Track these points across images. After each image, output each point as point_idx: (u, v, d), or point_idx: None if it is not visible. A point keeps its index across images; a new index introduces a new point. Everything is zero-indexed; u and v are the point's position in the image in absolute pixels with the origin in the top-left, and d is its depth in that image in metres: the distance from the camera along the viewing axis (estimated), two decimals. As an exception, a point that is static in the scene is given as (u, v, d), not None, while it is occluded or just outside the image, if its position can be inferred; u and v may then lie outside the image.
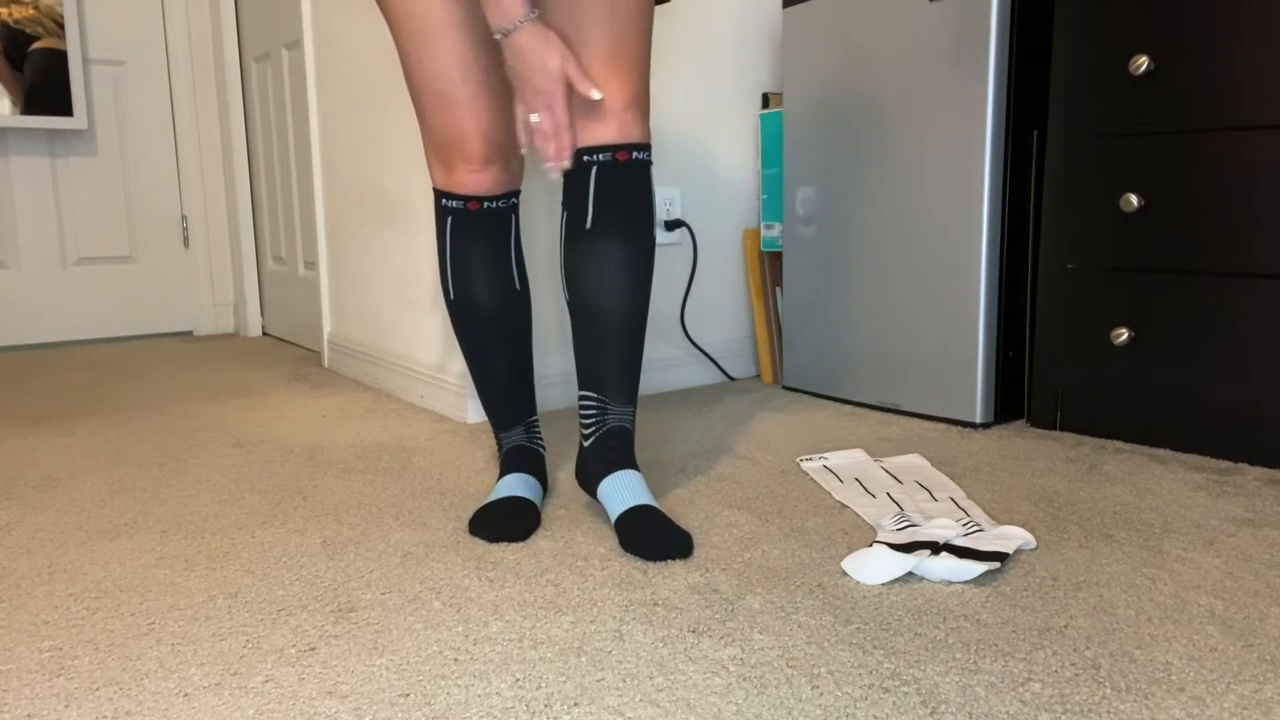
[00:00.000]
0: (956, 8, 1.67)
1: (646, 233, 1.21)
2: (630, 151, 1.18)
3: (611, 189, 1.18)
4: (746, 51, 2.21)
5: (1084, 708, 0.79)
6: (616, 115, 1.17)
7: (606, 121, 1.16)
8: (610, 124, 1.17)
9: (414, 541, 1.21)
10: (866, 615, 0.97)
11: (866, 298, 1.89)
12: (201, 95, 3.21)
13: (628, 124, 1.17)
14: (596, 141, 1.17)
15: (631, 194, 1.19)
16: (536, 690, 0.83)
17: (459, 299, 1.31)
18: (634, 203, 1.19)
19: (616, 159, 1.17)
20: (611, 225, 1.18)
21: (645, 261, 1.21)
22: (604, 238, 1.18)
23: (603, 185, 1.17)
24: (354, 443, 1.72)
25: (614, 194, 1.18)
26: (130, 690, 0.85)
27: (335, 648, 0.92)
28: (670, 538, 1.13)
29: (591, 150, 1.17)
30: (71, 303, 3.10)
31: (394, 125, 2.08)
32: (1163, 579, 1.04)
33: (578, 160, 1.18)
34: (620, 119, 1.17)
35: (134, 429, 1.87)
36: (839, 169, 1.91)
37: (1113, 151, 1.56)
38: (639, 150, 1.18)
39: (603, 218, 1.18)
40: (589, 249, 1.19)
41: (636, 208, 1.20)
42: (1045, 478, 1.42)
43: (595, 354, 1.21)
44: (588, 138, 1.17)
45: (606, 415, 1.23)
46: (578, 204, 1.19)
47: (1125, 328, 1.57)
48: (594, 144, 1.17)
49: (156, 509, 1.36)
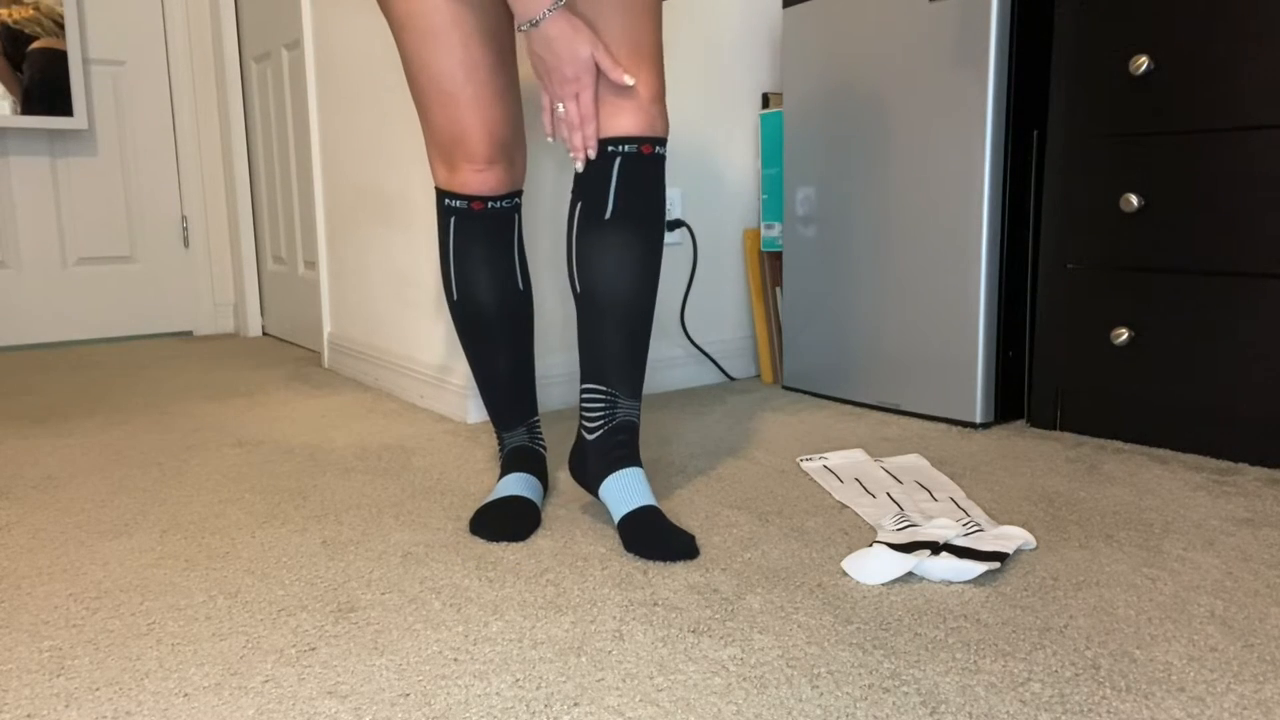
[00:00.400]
0: (956, 8, 1.67)
1: (661, 226, 1.21)
2: (654, 145, 1.17)
3: (633, 181, 1.17)
4: (746, 51, 2.21)
5: (1084, 708, 0.79)
6: (645, 107, 1.16)
7: (634, 113, 1.15)
8: (638, 115, 1.16)
9: (414, 541, 1.21)
10: (866, 615, 0.97)
11: (866, 298, 1.89)
12: (201, 95, 3.21)
13: (654, 117, 1.17)
14: (623, 132, 1.15)
15: (651, 187, 1.18)
16: (536, 690, 0.83)
17: (462, 299, 1.30)
18: (653, 196, 1.19)
19: (641, 151, 1.16)
20: (631, 217, 1.17)
21: (658, 254, 1.21)
22: (622, 229, 1.17)
23: (625, 176, 1.16)
24: (354, 443, 1.72)
25: (635, 186, 1.17)
26: (130, 690, 0.85)
27: (335, 648, 0.92)
28: (676, 540, 1.13)
29: (617, 141, 1.15)
30: (71, 303, 3.10)
31: (394, 125, 2.08)
32: (1163, 579, 1.04)
33: (601, 150, 1.16)
34: (648, 111, 1.16)
35: (134, 429, 1.87)
36: (839, 169, 1.91)
37: (1113, 151, 1.56)
38: (660, 144, 1.18)
39: (622, 209, 1.17)
40: (606, 240, 1.18)
41: (655, 201, 1.19)
42: (1045, 478, 1.42)
43: (607, 346, 1.20)
44: (613, 128, 1.16)
45: (616, 409, 1.22)
46: (597, 194, 1.18)
47: (1125, 328, 1.57)
48: (620, 135, 1.15)
49: (156, 509, 1.36)
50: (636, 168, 1.17)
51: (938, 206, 1.74)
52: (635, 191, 1.17)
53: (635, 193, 1.17)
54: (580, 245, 1.20)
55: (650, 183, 1.18)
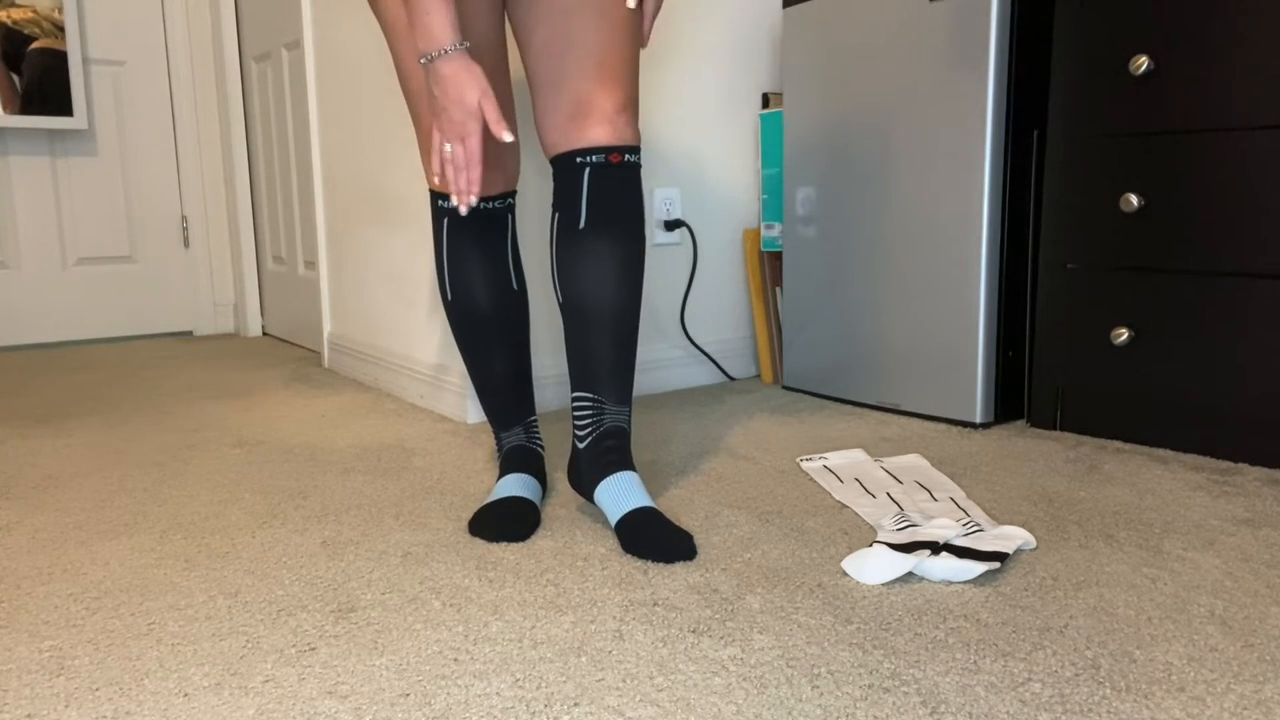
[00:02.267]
0: (956, 8, 1.67)
1: (638, 232, 1.22)
2: (623, 154, 1.19)
3: (604, 190, 1.19)
4: (746, 51, 2.21)
5: (1084, 708, 0.79)
6: (610, 118, 1.18)
7: (599, 124, 1.17)
8: (604, 126, 1.18)
9: (414, 541, 1.21)
10: (866, 615, 0.97)
11: (866, 298, 1.89)
12: (201, 95, 3.21)
13: (621, 126, 1.18)
14: (590, 143, 1.18)
15: (624, 195, 1.20)
16: (536, 690, 0.83)
17: (456, 300, 1.31)
18: (626, 203, 1.20)
19: (609, 160, 1.18)
20: (604, 225, 1.19)
21: (638, 261, 1.22)
22: (597, 238, 1.19)
23: (595, 186, 1.18)
24: (354, 443, 1.72)
25: (607, 195, 1.19)
26: (130, 690, 0.85)
27: (335, 648, 0.92)
28: (675, 540, 1.13)
29: (585, 152, 1.18)
30: (71, 303, 3.10)
31: (394, 125, 2.08)
32: (1163, 579, 1.04)
33: (570, 161, 1.18)
34: (614, 122, 1.18)
35: (134, 429, 1.87)
36: (839, 169, 1.91)
37: (1113, 151, 1.56)
38: (630, 152, 1.20)
39: (596, 218, 1.19)
40: (582, 249, 1.19)
41: (629, 208, 1.20)
42: (1045, 478, 1.42)
43: (590, 354, 1.21)
44: (581, 139, 1.18)
45: (603, 415, 1.23)
46: (570, 204, 1.20)
47: (1125, 328, 1.57)
48: (588, 145, 1.18)
49: (156, 509, 1.36)
50: (606, 176, 1.18)
51: (938, 206, 1.74)
52: (608, 200, 1.19)
53: (608, 202, 1.19)
54: (559, 255, 1.22)
55: (623, 191, 1.20)
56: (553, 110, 1.19)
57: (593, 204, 1.19)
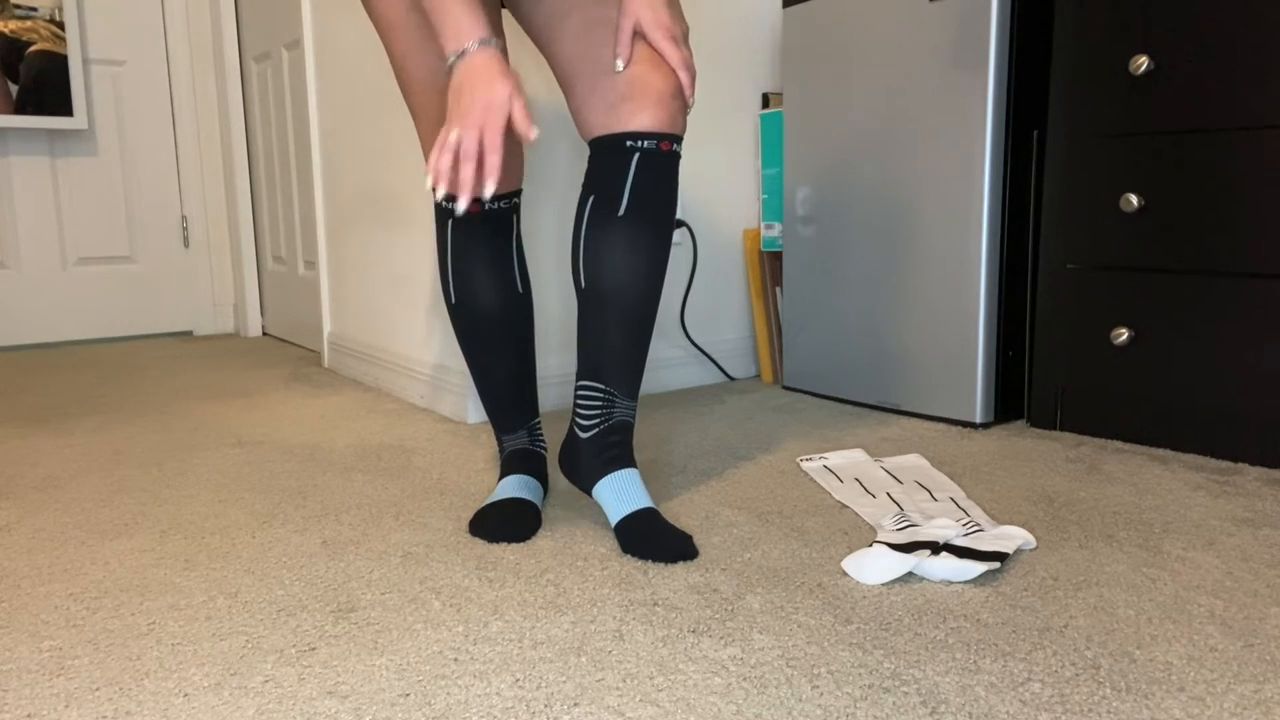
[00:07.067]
0: (956, 8, 1.67)
1: (671, 226, 1.19)
2: (672, 142, 1.15)
3: (649, 179, 1.14)
4: (746, 51, 2.21)
5: (1084, 708, 0.79)
6: (666, 102, 1.12)
7: (655, 108, 1.12)
8: (659, 111, 1.12)
9: (414, 541, 1.21)
10: (866, 615, 0.97)
11: (866, 298, 1.89)
12: (201, 95, 3.21)
13: (675, 113, 1.14)
14: (642, 128, 1.12)
15: (666, 185, 1.16)
16: (536, 690, 0.83)
17: (460, 303, 1.28)
18: (667, 196, 1.17)
19: (660, 148, 1.14)
20: (643, 215, 1.15)
21: (666, 254, 1.19)
22: (635, 226, 1.15)
23: (641, 173, 1.13)
24: (354, 443, 1.72)
25: (649, 184, 1.14)
26: (130, 690, 0.85)
27: (335, 648, 0.92)
28: (675, 541, 1.13)
29: (637, 136, 1.13)
30: (71, 303, 3.10)
31: (394, 125, 2.08)
32: (1163, 579, 1.04)
33: (619, 144, 1.13)
34: (670, 107, 1.13)
35: (134, 429, 1.87)
36: (839, 169, 1.91)
37: (1113, 151, 1.56)
38: (678, 142, 1.16)
39: (636, 206, 1.14)
40: (617, 237, 1.15)
41: (668, 201, 1.17)
42: (1045, 478, 1.42)
43: (607, 345, 1.18)
44: (632, 122, 1.12)
45: (614, 408, 1.20)
46: (611, 189, 1.15)
47: (1125, 328, 1.57)
48: (639, 129, 1.12)
49: (156, 509, 1.36)
50: (653, 165, 1.14)
51: (938, 206, 1.74)
52: (651, 189, 1.15)
53: (651, 190, 1.15)
54: (589, 240, 1.17)
55: (666, 181, 1.16)
56: (603, 90, 1.14)
57: (635, 192, 1.14)
